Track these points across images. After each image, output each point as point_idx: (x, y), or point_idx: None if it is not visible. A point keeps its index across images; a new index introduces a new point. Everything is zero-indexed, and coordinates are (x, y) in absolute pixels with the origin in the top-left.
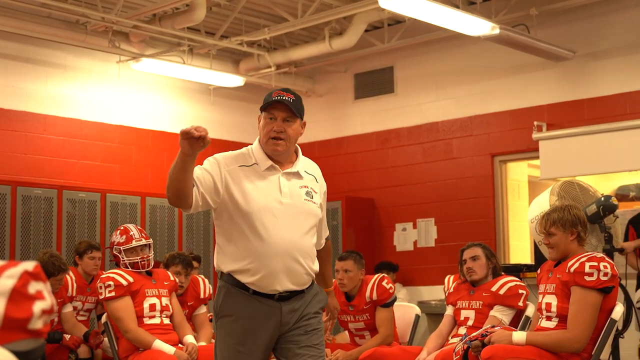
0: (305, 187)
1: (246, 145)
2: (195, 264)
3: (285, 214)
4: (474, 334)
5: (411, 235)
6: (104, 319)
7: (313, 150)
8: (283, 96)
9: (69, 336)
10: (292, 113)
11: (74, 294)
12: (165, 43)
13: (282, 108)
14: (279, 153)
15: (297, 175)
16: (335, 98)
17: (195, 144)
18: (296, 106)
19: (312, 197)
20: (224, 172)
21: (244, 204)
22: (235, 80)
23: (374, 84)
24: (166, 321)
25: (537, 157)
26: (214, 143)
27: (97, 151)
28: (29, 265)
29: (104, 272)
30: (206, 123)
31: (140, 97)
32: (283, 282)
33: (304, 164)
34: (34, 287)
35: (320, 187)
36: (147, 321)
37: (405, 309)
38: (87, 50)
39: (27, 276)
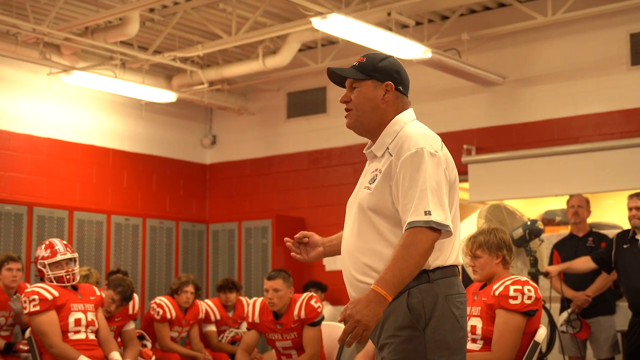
0: (376, 170)
1: (177, 161)
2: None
3: (350, 210)
4: None
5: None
6: (27, 333)
7: (245, 168)
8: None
9: None
10: (341, 77)
11: None
12: (97, 56)
13: (334, 78)
14: (351, 127)
15: (374, 156)
16: (267, 116)
17: None
18: (354, 69)
19: (372, 182)
20: None
21: None
22: (167, 95)
23: (307, 103)
24: (92, 337)
25: (466, 180)
26: (144, 159)
27: (24, 163)
28: None
29: (28, 286)
30: (137, 138)
31: (70, 110)
32: (347, 288)
33: (387, 137)
34: None
35: (391, 164)
36: (72, 336)
37: (333, 328)
38: (17, 62)
39: None
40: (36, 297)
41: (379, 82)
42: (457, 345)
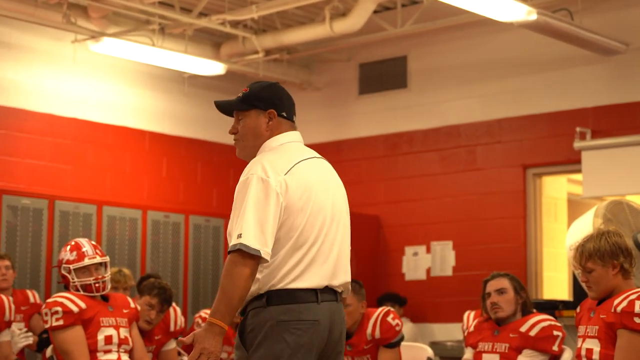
0: None
1: (226, 146)
2: None
3: None
4: None
5: (424, 262)
6: (49, 352)
7: None
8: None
9: None
10: (227, 108)
11: (12, 319)
12: (131, 20)
13: (221, 109)
14: (240, 157)
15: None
16: (335, 92)
17: None
18: (238, 100)
19: None
20: None
21: None
22: (214, 67)
23: (383, 76)
24: (124, 357)
25: (578, 171)
26: (187, 143)
27: (45, 149)
28: None
29: (52, 296)
30: (178, 118)
31: (99, 85)
32: None
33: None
34: None
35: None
36: (101, 356)
37: (415, 350)
38: (36, 27)
39: None
40: (59, 309)
41: (262, 110)
42: None
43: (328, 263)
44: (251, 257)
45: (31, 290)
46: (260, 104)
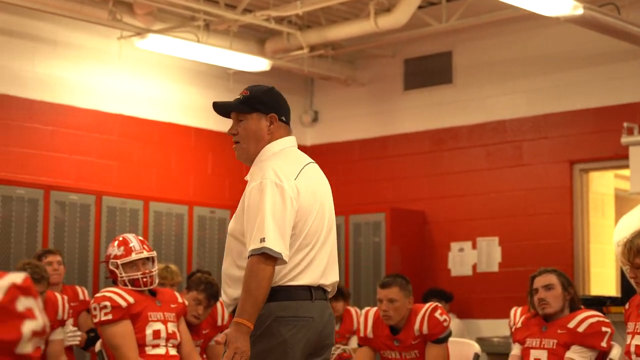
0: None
1: None
2: None
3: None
4: None
5: (470, 258)
6: (98, 346)
7: (353, 151)
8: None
9: None
10: (229, 109)
11: (66, 317)
12: (176, 17)
13: (218, 110)
14: (240, 159)
15: (246, 184)
16: (380, 88)
17: None
18: (238, 102)
19: (237, 210)
20: None
21: None
22: (259, 63)
23: (428, 72)
24: (172, 352)
25: (626, 166)
26: (229, 139)
27: (92, 145)
28: (18, 277)
29: (100, 291)
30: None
31: (145, 82)
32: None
33: (254, 167)
34: (23, 303)
35: (246, 190)
36: (149, 351)
37: (462, 345)
38: (82, 24)
39: (15, 290)
40: (108, 303)
41: (264, 114)
42: None
43: (322, 263)
44: (273, 260)
45: (81, 287)
46: (262, 107)
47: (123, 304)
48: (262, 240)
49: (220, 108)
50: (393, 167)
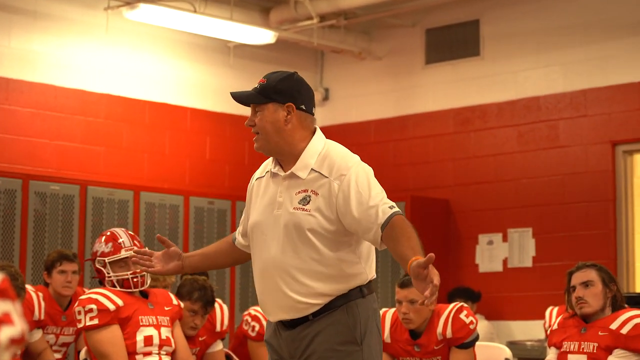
0: (303, 191)
1: None
2: None
3: (273, 230)
4: None
5: (500, 251)
6: (83, 354)
7: (368, 133)
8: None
9: None
10: (244, 100)
11: (41, 317)
12: None
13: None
14: (260, 151)
15: (295, 177)
16: (399, 62)
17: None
18: (255, 92)
19: (307, 204)
20: (248, 194)
21: (247, 224)
22: (263, 35)
23: (453, 43)
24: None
25: None
26: (233, 121)
27: (76, 129)
28: None
29: (85, 292)
30: (224, 93)
31: (135, 57)
32: (273, 311)
33: (309, 159)
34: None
35: (326, 184)
36: (140, 359)
37: (491, 350)
38: None
39: None
40: (94, 306)
41: (280, 104)
42: (379, 357)
43: None
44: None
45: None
46: (278, 97)
47: (111, 307)
48: (392, 207)
49: (239, 99)
50: (413, 150)
